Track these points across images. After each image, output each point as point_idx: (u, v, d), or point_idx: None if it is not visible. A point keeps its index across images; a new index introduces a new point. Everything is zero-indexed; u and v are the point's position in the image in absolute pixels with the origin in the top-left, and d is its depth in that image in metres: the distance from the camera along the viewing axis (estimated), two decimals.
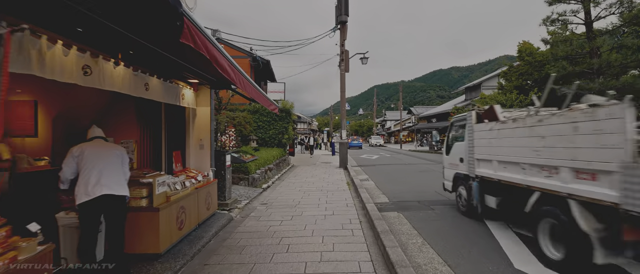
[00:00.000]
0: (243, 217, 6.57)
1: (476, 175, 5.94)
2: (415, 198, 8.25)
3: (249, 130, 14.99)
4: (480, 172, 5.81)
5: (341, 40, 16.32)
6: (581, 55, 12.96)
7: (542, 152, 4.21)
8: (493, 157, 5.40)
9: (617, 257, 3.40)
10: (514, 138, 4.81)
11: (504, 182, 5.10)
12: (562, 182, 3.87)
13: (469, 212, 6.30)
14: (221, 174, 7.06)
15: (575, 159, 3.67)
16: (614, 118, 3.20)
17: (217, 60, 2.56)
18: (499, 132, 5.24)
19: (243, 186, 9.53)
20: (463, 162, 6.57)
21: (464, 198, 6.49)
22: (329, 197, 8.36)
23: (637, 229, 3.13)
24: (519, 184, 4.74)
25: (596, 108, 3.45)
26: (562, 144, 3.87)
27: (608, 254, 3.39)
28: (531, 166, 4.47)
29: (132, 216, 4.09)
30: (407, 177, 12.17)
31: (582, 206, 3.63)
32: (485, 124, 5.73)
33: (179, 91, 5.51)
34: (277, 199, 8.23)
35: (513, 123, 4.87)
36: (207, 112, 6.44)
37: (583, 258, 3.55)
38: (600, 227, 3.48)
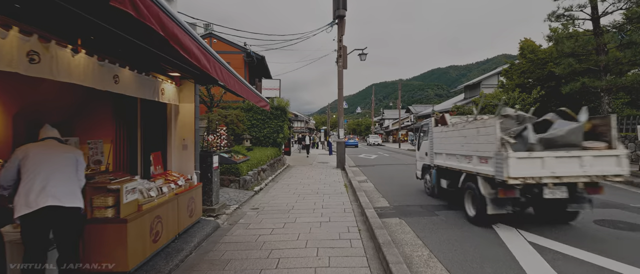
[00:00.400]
0: (231, 224, 6.01)
1: (434, 164, 7.89)
2: (417, 202, 7.72)
3: (242, 129, 14.42)
4: (437, 162, 7.74)
5: (339, 35, 15.76)
6: (587, 52, 12.48)
7: (465, 146, 6.17)
8: (443, 151, 7.32)
9: (500, 209, 5.33)
10: (453, 137, 6.77)
11: (449, 168, 7.02)
12: (474, 165, 5.83)
13: (432, 193, 8.29)
14: (207, 177, 6.50)
15: (478, 151, 5.66)
16: (491, 126, 5.20)
17: (178, 39, 2.01)
18: (446, 133, 7.20)
19: (234, 188, 8.97)
20: (427, 156, 8.47)
21: (429, 182, 8.42)
22: (325, 201, 7.81)
23: (507, 190, 5.16)
24: (456, 169, 6.68)
25: (486, 120, 5.60)
26: (473, 142, 5.85)
27: (494, 207, 5.35)
28: (461, 156, 6.39)
29: (95, 229, 3.53)
30: (408, 179, 11.64)
31: (483, 179, 5.55)
32: (439, 128, 7.67)
33: (158, 85, 4.95)
34: (269, 204, 7.68)
35: (453, 127, 6.85)
36: (191, 109, 5.88)
37: (483, 212, 5.48)
38: (491, 191, 5.38)
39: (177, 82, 5.67)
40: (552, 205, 5.65)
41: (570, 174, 4.91)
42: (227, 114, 13.92)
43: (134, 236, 3.70)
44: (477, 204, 5.72)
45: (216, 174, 6.73)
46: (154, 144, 5.49)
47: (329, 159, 21.41)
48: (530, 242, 4.82)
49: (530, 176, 4.84)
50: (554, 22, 13.00)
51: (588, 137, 5.27)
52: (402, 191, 9.29)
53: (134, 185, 3.77)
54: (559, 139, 5.06)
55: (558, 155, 4.91)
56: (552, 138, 5.06)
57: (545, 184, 4.95)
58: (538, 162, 4.88)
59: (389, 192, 9.16)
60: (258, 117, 15.72)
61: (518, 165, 4.81)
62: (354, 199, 8.09)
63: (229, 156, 9.59)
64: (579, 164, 4.93)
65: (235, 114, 14.21)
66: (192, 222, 5.41)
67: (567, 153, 4.93)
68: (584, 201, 5.38)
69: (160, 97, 5.05)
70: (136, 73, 4.40)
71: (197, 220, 5.63)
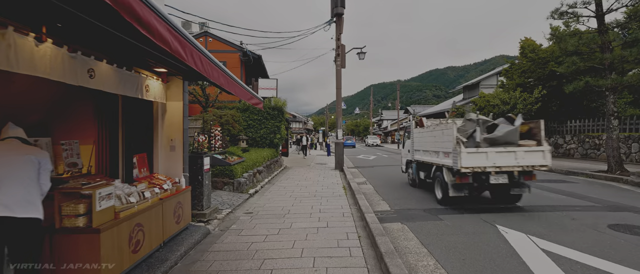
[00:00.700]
0: (222, 230, 5.64)
1: (415, 159, 9.38)
2: (419, 205, 7.36)
3: (238, 129, 14.03)
4: (416, 158, 9.25)
5: (337, 34, 15.41)
6: (591, 50, 12.15)
7: (435, 144, 7.57)
8: (420, 148, 8.77)
9: (459, 192, 6.74)
10: (427, 137, 8.21)
11: (425, 162, 8.44)
12: (440, 159, 7.23)
13: (413, 184, 9.92)
14: (198, 180, 6.12)
15: (443, 147, 7.01)
16: (451, 128, 6.61)
17: (147, 23, 1.65)
18: (422, 134, 8.67)
19: (227, 191, 8.58)
20: (409, 153, 9.99)
21: (411, 174, 10.02)
22: (323, 205, 7.44)
23: (462, 177, 6.49)
24: (429, 162, 8.08)
25: (448, 123, 7.37)
26: (440, 140, 7.23)
27: (454, 191, 6.74)
28: (432, 152, 7.79)
29: (64, 241, 3.16)
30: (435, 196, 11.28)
31: (446, 169, 6.96)
32: (418, 129, 9.14)
33: (142, 82, 4.57)
34: (264, 207, 7.30)
35: (427, 129, 8.43)
36: (180, 108, 5.50)
37: (447, 195, 6.89)
38: (451, 179, 6.76)
39: (164, 79, 5.30)
40: (500, 189, 7.07)
41: (508, 165, 6.40)
42: (223, 114, 13.54)
43: (109, 247, 3.32)
44: (442, 189, 7.24)
45: (207, 176, 6.36)
46: (138, 145, 5.11)
47: (327, 160, 21.04)
48: (544, 250, 4.47)
49: (477, 166, 6.35)
50: (556, 20, 12.68)
51: (524, 137, 6.88)
52: (403, 193, 8.93)
53: (109, 190, 3.39)
54: (499, 138, 6.58)
55: (498, 150, 6.42)
56: (494, 137, 6.60)
57: (489, 172, 6.41)
58: (483, 156, 6.38)
59: (390, 194, 8.79)
60: (254, 118, 15.33)
61: (468, 158, 6.33)
62: (353, 202, 7.73)
63: (223, 157, 9.22)
64: (514, 157, 6.44)
65: (231, 114, 13.83)
66: (180, 229, 5.03)
67: (505, 149, 6.44)
68: (522, 186, 6.84)
69: (144, 94, 4.67)
70: (116, 68, 4.02)
71: (185, 226, 5.25)
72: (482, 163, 6.34)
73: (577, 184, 10.23)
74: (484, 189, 7.38)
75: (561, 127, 19.70)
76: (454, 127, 6.64)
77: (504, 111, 17.30)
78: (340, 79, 15.65)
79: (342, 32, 15.44)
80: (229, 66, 17.77)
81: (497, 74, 40.79)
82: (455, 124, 6.92)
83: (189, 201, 5.44)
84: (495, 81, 40.61)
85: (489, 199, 7.84)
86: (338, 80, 15.67)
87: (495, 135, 6.59)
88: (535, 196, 8.23)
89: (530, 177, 6.72)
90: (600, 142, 16.84)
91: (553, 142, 20.13)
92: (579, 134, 18.31)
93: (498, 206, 7.12)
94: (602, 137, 16.75)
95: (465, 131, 6.93)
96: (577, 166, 13.85)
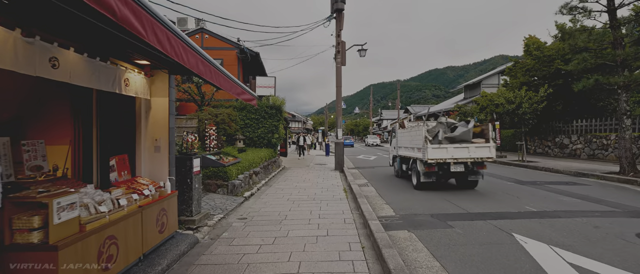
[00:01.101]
0: (212, 239, 5.13)
1: (398, 154, 11.45)
2: (426, 210, 6.86)
3: (235, 129, 13.52)
4: (399, 153, 11.27)
5: (337, 30, 14.90)
6: (602, 47, 11.66)
7: (412, 142, 9.51)
8: (402, 144, 10.78)
9: (428, 179, 8.71)
10: (407, 136, 10.19)
11: (405, 156, 10.46)
12: (415, 153, 9.11)
13: (397, 174, 11.97)
14: (187, 183, 5.62)
15: (416, 144, 8.97)
16: (421, 129, 8.52)
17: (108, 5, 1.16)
18: (404, 133, 10.67)
19: (221, 194, 8.08)
20: (394, 149, 12.10)
21: (396, 166, 11.90)
22: (323, 210, 6.94)
23: (429, 167, 8.52)
24: (408, 156, 10.02)
25: (420, 125, 8.87)
26: (415, 138, 9.17)
27: (425, 178, 8.71)
28: (410, 148, 9.73)
29: (15, 260, 2.65)
30: (412, 183, 10.80)
31: (419, 161, 8.77)
32: (401, 130, 11.11)
33: (120, 75, 4.06)
34: (259, 212, 6.79)
35: (407, 129, 10.39)
36: (165, 105, 4.99)
37: (419, 180, 8.90)
38: (423, 168, 8.56)
39: (147, 73, 4.79)
40: (460, 176, 9.34)
41: (463, 157, 8.51)
42: (218, 113, 13.04)
43: (72, 266, 2.81)
44: (417, 177, 9.24)
45: (197, 179, 5.85)
46: (117, 146, 4.61)
47: (326, 161, 20.54)
48: (572, 264, 3.97)
49: (440, 158, 8.44)
50: (565, 15, 12.18)
51: (477, 136, 8.98)
52: (407, 196, 8.43)
53: (71, 199, 2.89)
54: (456, 137, 8.68)
55: (456, 146, 8.52)
56: (453, 136, 8.70)
57: (450, 163, 8.49)
58: (444, 150, 8.47)
59: (393, 197, 8.29)
60: (252, 117, 14.82)
61: (433, 152, 8.42)
62: (355, 206, 7.23)
63: (216, 158, 8.70)
64: (467, 151, 8.52)
65: (227, 113, 13.32)
66: (164, 238, 4.52)
67: (461, 145, 8.53)
68: (477, 173, 9.01)
69: (123, 88, 4.17)
70: (87, 57, 3.52)
71: (170, 235, 4.75)
72: (443, 156, 8.49)
73: (589, 186, 9.74)
74: (448, 177, 9.43)
75: (566, 127, 19.23)
76: (424, 128, 8.64)
77: (509, 110, 16.81)
78: (341, 76, 15.14)
79: (342, 29, 14.93)
80: (226, 64, 17.25)
81: (498, 73, 40.41)
82: (426, 125, 8.91)
83: (175, 207, 4.93)
84: (496, 80, 40.24)
85: (496, 205, 7.35)
86: (338, 78, 15.16)
87: (453, 134, 8.79)
88: (548, 199, 7.74)
89: (481, 166, 8.87)
90: (609, 142, 16.36)
91: (558, 143, 19.66)
92: (585, 134, 17.83)
93: (509, 212, 6.63)
94: (610, 138, 16.28)
95: (433, 131, 8.95)
96: (586, 167, 13.36)
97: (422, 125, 9.02)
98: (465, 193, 8.68)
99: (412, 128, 9.86)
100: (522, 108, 16.31)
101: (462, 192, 8.77)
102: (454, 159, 8.48)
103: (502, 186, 9.91)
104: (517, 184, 10.31)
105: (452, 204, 7.41)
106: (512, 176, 12.02)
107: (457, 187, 9.59)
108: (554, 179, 11.38)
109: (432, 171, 8.64)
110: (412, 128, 9.86)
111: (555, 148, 20.09)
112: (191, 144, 5.83)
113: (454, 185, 10.03)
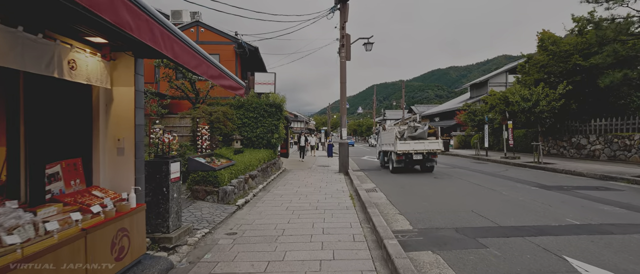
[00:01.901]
0: (191, 262, 4.14)
1: (382, 150, 15.45)
2: (449, 223, 5.83)
3: (231, 128, 12.53)
4: (382, 148, 15.53)
5: (341, 22, 13.90)
6: (634, 36, 10.62)
7: (389, 139, 14.05)
8: (383, 142, 15.36)
9: (400, 165, 13.12)
10: (386, 136, 14.75)
11: (386, 150, 14.75)
12: (391, 147, 13.60)
13: (382, 165, 15.86)
14: (162, 193, 4.63)
15: (391, 141, 13.53)
16: (394, 130, 13.59)
17: None
18: (384, 134, 15.32)
19: (211, 202, 7.08)
20: (379, 146, 16.32)
21: (381, 158, 15.85)
22: (327, 222, 5.93)
23: (399, 156, 12.92)
24: (387, 150, 14.45)
25: (393, 127, 14.48)
26: (390, 137, 13.79)
27: (397, 164, 13.08)
28: (387, 144, 14.34)
29: None
30: (426, 187, 9.78)
31: (393, 153, 13.20)
32: (382, 131, 15.84)
33: (60, 54, 3.07)
34: (253, 225, 5.79)
35: (386, 131, 14.97)
36: (131, 96, 3.99)
37: (393, 166, 13.34)
38: (395, 157, 12.99)
39: (107, 55, 3.80)
40: (421, 163, 13.06)
41: (420, 149, 12.46)
42: (213, 111, 12.05)
43: None
44: (392, 164, 13.11)
45: (176, 188, 4.86)
46: (66, 147, 3.61)
47: (329, 162, 19.53)
48: None
49: (405, 150, 12.42)
50: (590, 3, 11.15)
51: (431, 135, 13.35)
52: (424, 205, 7.40)
53: None
54: (416, 135, 12.88)
55: (416, 142, 12.57)
56: (414, 135, 12.90)
57: (412, 153, 12.44)
58: (408, 144, 12.47)
59: (407, 206, 7.28)
60: (250, 115, 13.82)
61: (401, 146, 12.40)
62: (365, 217, 6.22)
63: (207, 160, 7.71)
64: (423, 145, 12.51)
65: (223, 111, 12.34)
66: (124, 266, 3.52)
67: (419, 141, 12.63)
68: (431, 160, 12.95)
69: (67, 73, 3.17)
70: (2, 26, 2.53)
71: (135, 260, 3.74)
72: (408, 148, 12.58)
73: (623, 192, 8.69)
74: (413, 163, 13.24)
75: (584, 127, 18.13)
76: (396, 130, 13.21)
77: (525, 108, 15.74)
78: (345, 72, 14.12)
79: (346, 21, 13.93)
80: (223, 60, 16.27)
81: (506, 72, 39.41)
82: (398, 128, 13.43)
83: (143, 224, 3.92)
84: (504, 78, 39.21)
85: (529, 216, 6.31)
86: (342, 73, 14.14)
87: (414, 134, 13.07)
88: (587, 208, 6.70)
89: (434, 155, 13.01)
90: (632, 143, 15.25)
91: (575, 143, 18.56)
92: (605, 134, 16.72)
93: (548, 225, 5.60)
94: (634, 138, 15.17)
95: (402, 132, 13.31)
96: (611, 170, 12.27)
97: (395, 128, 13.87)
98: (488, 200, 7.66)
99: (389, 130, 14.34)
100: (540, 106, 15.24)
101: (484, 199, 7.75)
102: (415, 150, 12.68)
103: (526, 191, 8.87)
104: (542, 189, 9.26)
105: (477, 214, 6.38)
106: (533, 180, 10.97)
107: (466, 191, 8.56)
108: (580, 183, 10.32)
109: (401, 159, 12.87)
110: (389, 130, 14.34)
111: (571, 149, 18.99)
112: (169, 145, 4.83)
113: (462, 188, 9.00)
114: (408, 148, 12.50)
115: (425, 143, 12.64)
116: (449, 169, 14.52)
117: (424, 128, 13.12)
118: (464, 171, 14.04)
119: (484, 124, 22.13)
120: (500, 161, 17.41)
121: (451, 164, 17.15)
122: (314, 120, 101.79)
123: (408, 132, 13.14)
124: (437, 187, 9.81)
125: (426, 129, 13.04)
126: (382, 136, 15.76)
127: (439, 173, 13.17)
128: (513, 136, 18.68)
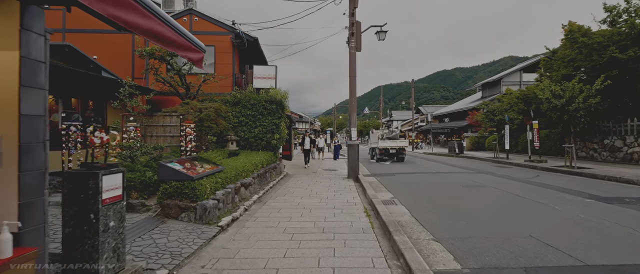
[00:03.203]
0: None
1: (371, 147, 22.63)
2: (509, 257, 4.15)
3: (224, 127, 10.95)
4: (371, 146, 23.08)
5: (351, 8, 12.28)
6: None
7: (375, 139, 21.81)
8: (372, 141, 22.95)
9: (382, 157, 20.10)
10: (374, 137, 22.30)
11: (373, 148, 21.99)
12: (375, 145, 21.03)
13: (371, 158, 22.13)
14: (89, 223, 3.02)
15: (375, 141, 21.40)
16: (377, 132, 22.48)
17: None
18: (372, 135, 23.19)
19: (185, 221, 5.46)
20: (370, 144, 23.61)
21: (371, 154, 22.42)
22: (339, 257, 4.27)
23: (381, 151, 20.35)
24: (373, 147, 21.81)
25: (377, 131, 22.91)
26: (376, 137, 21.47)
27: (381, 157, 20.10)
28: (374, 142, 21.72)
29: None
30: (457, 201, 8.08)
31: (378, 148, 20.32)
32: (371, 133, 24.16)
33: None
34: (235, 261, 4.15)
35: (373, 133, 22.98)
36: (13, 67, 2.39)
37: (377, 158, 20.39)
38: (379, 152, 20.38)
39: None
40: (396, 156, 19.93)
41: (394, 146, 19.98)
42: (203, 107, 10.48)
43: None
44: (376, 158, 20.24)
45: (114, 213, 3.24)
46: None
47: (336, 166, 17.88)
48: None
49: (384, 147, 19.91)
50: None
51: (402, 137, 25.20)
52: (461, 224, 5.72)
53: None
54: (392, 137, 21.68)
55: (391, 141, 20.53)
56: (390, 137, 21.64)
57: (389, 149, 19.87)
58: (386, 143, 20.15)
59: (441, 226, 5.60)
60: (247, 113, 12.22)
61: (382, 144, 20.06)
62: (390, 248, 4.56)
63: (187, 166, 6.10)
64: (396, 143, 20.27)
65: (215, 108, 10.76)
66: None
67: (394, 141, 20.57)
68: (402, 153, 20.08)
69: None
70: None
71: None
72: (386, 145, 19.78)
73: None
74: (390, 156, 19.83)
75: (618, 127, 16.31)
76: (378, 132, 21.87)
77: (556, 106, 13.97)
78: (355, 64, 12.48)
79: (356, 6, 12.30)
80: (219, 51, 14.71)
81: (520, 70, 37.61)
82: (380, 131, 22.36)
83: None
84: (518, 77, 37.42)
85: (615, 246, 4.61)
86: (352, 66, 12.50)
87: (391, 135, 21.81)
88: None
89: (403, 150, 20.12)
90: None
91: (608, 145, 16.74)
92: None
93: None
94: None
95: (383, 134, 21.53)
96: None
97: (378, 132, 22.05)
98: (542, 218, 5.96)
99: (375, 133, 21.82)
100: (575, 103, 13.45)
101: (536, 217, 6.05)
102: (391, 147, 19.64)
103: (583, 205, 7.15)
104: (600, 201, 7.53)
105: (540, 242, 4.70)
106: (578, 189, 9.23)
107: (507, 205, 6.85)
108: (629, 194, 8.54)
109: (382, 152, 19.61)
110: (375, 133, 21.82)
111: (603, 152, 17.17)
112: (103, 147, 3.21)
113: (499, 200, 7.30)
114: (386, 145, 19.71)
115: (398, 142, 20.31)
116: (473, 176, 12.76)
117: (397, 131, 23.21)
118: (490, 176, 12.31)
119: (504, 124, 20.35)
120: (526, 165, 15.64)
121: (473, 169, 15.40)
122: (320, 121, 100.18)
123: (387, 135, 21.57)
124: (470, 199, 8.10)
125: (398, 133, 22.83)
126: (371, 137, 23.33)
127: (464, 180, 11.44)
128: (539, 137, 16.92)
